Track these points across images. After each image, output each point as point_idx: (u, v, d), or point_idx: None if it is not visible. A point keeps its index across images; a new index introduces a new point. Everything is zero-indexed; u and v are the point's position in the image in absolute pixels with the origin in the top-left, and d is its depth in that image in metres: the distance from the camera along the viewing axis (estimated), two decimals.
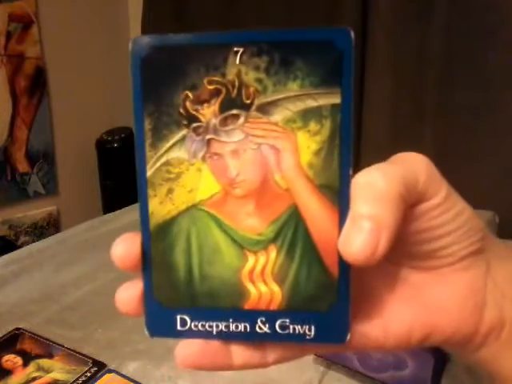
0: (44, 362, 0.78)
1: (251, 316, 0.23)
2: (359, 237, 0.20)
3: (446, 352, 0.84)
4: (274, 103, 0.22)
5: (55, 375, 0.75)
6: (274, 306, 0.23)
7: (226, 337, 0.23)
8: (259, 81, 0.22)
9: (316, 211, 0.22)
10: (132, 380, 0.72)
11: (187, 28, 2.08)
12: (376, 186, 0.21)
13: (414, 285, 0.24)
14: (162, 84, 0.22)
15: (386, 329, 0.24)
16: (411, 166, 0.23)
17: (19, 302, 0.94)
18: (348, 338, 0.22)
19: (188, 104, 0.22)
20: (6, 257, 1.11)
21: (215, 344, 0.23)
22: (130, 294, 0.23)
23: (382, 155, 0.25)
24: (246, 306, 0.23)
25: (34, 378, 0.74)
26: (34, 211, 1.98)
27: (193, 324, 0.23)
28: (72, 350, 0.79)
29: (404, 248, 0.23)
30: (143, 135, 0.23)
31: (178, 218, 0.23)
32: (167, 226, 0.23)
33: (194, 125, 0.22)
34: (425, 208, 0.22)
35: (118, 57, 2.29)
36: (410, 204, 0.22)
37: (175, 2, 2.07)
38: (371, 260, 0.20)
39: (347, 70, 0.22)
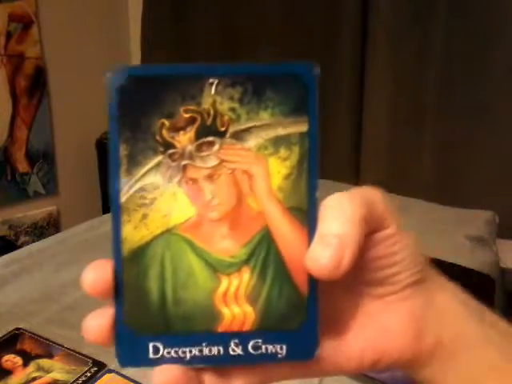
0: (44, 361, 0.78)
1: (224, 338, 0.23)
2: (326, 251, 0.22)
3: None
4: (247, 131, 0.23)
5: (55, 375, 0.75)
6: (247, 327, 0.23)
7: (199, 362, 0.23)
8: (233, 110, 0.23)
9: (286, 232, 0.23)
10: (132, 380, 0.72)
11: (187, 28, 2.08)
12: (343, 209, 0.23)
13: (367, 312, 0.26)
14: (138, 112, 0.23)
15: (344, 355, 0.25)
16: (371, 196, 0.24)
17: (19, 301, 0.94)
18: (317, 353, 0.23)
19: (164, 131, 0.23)
20: (6, 257, 1.11)
21: (190, 372, 0.23)
22: (99, 323, 0.23)
23: (381, 155, 0.26)
24: (220, 329, 0.23)
25: (34, 378, 0.74)
26: (34, 211, 1.98)
27: (165, 351, 0.23)
28: (72, 350, 0.79)
29: (362, 275, 0.25)
30: (118, 161, 0.23)
31: (152, 242, 0.23)
32: (141, 251, 0.23)
33: (170, 151, 0.23)
34: (381, 236, 0.24)
35: (118, 57, 2.29)
36: (369, 230, 0.24)
37: (175, 2, 2.07)
38: (336, 274, 0.22)
39: (312, 101, 0.23)
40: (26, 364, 0.77)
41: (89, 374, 0.74)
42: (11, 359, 0.78)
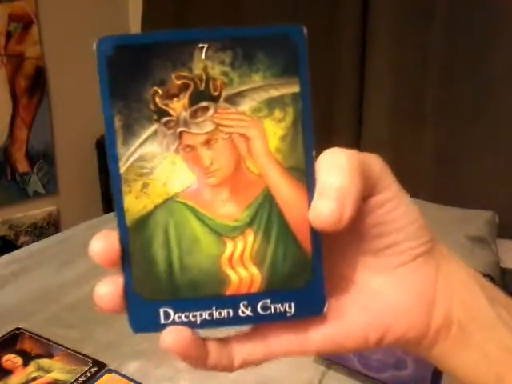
0: (44, 361, 0.78)
1: (233, 301, 0.23)
2: (327, 204, 0.22)
3: None
4: (240, 94, 0.23)
5: (55, 375, 0.75)
6: (254, 289, 0.23)
7: (210, 325, 0.23)
8: (225, 74, 0.23)
9: (287, 192, 0.23)
10: (132, 380, 0.72)
11: (187, 28, 2.08)
12: (339, 161, 0.23)
13: (369, 288, 0.25)
14: (129, 82, 0.23)
15: (346, 332, 0.25)
16: (367, 157, 0.24)
17: (19, 301, 0.94)
18: (325, 309, 0.24)
19: (157, 99, 0.23)
20: (6, 257, 1.11)
21: (198, 338, 0.23)
22: (109, 290, 0.23)
23: (382, 155, 0.25)
24: (228, 292, 0.23)
25: (34, 378, 0.75)
26: (34, 211, 1.98)
27: (176, 316, 0.23)
28: (72, 350, 0.79)
29: (360, 245, 0.25)
30: (114, 133, 0.23)
31: (154, 211, 0.23)
32: (144, 220, 0.23)
33: (165, 119, 0.23)
34: (377, 201, 0.24)
35: None
36: (367, 188, 0.23)
37: (175, 2, 2.07)
38: (338, 225, 0.22)
39: (302, 61, 0.23)
40: (26, 364, 0.77)
41: (89, 374, 0.74)
42: (11, 359, 0.78)
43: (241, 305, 0.23)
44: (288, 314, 0.24)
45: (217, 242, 0.23)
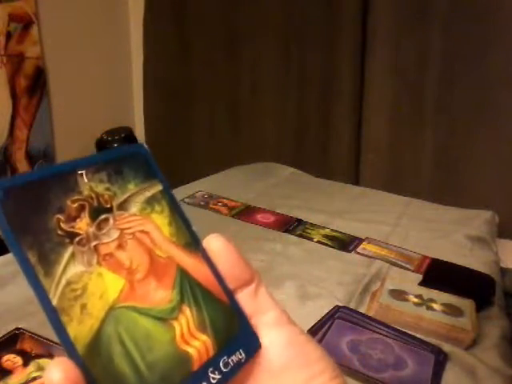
0: (44, 361, 0.78)
1: (203, 372, 0.25)
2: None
3: (446, 352, 0.84)
4: (126, 201, 0.27)
5: None
6: (211, 353, 0.26)
7: None
8: (108, 189, 0.27)
9: (191, 263, 0.28)
10: None
11: (187, 29, 2.08)
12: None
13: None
14: (30, 218, 0.24)
15: None
16: None
17: (19, 301, 0.94)
18: (260, 341, 0.27)
19: (62, 225, 0.24)
20: (6, 257, 1.11)
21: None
22: None
23: (382, 155, 0.25)
24: (195, 367, 0.25)
25: (34, 378, 0.74)
26: None
27: None
28: None
29: None
30: (32, 269, 0.23)
31: (102, 327, 0.24)
32: (96, 340, 0.23)
33: (77, 239, 0.25)
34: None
35: (118, 57, 2.29)
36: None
37: (175, 2, 2.07)
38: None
39: (154, 166, 0.29)
40: (26, 364, 0.77)
41: None
42: (11, 359, 0.78)
43: (209, 372, 0.25)
44: (242, 360, 0.26)
45: (166, 327, 0.25)
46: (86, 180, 0.26)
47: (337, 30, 1.77)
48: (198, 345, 0.26)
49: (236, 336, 0.27)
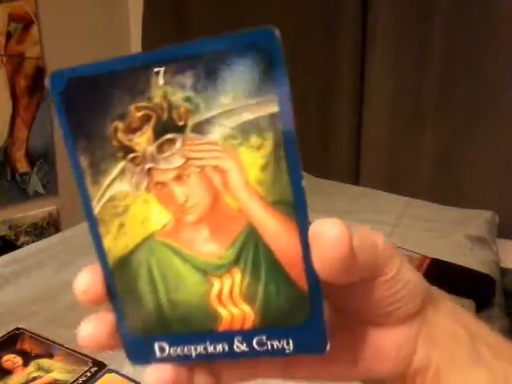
0: (44, 361, 0.78)
1: (227, 337, 0.22)
2: (335, 226, 0.20)
3: None
4: (209, 121, 0.20)
5: (55, 375, 0.75)
6: (247, 326, 0.22)
7: (206, 358, 0.23)
8: (188, 99, 0.20)
9: (273, 228, 0.21)
10: (132, 380, 0.72)
11: (187, 28, 2.08)
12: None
13: (359, 333, 0.26)
14: (88, 117, 0.21)
15: (332, 371, 0.26)
16: (374, 239, 0.24)
17: (19, 301, 0.94)
18: (328, 347, 0.22)
19: (120, 135, 0.21)
20: (6, 257, 1.11)
21: (183, 370, 0.23)
22: (96, 329, 0.23)
23: (382, 155, 0.25)
24: (221, 328, 0.22)
25: (34, 378, 0.74)
26: (34, 211, 1.98)
27: (171, 349, 0.23)
28: (72, 350, 0.79)
29: (357, 312, 0.25)
30: (82, 173, 0.22)
31: (135, 251, 0.22)
32: (126, 260, 0.22)
33: (131, 155, 0.21)
34: (381, 281, 0.24)
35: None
36: (368, 273, 0.23)
37: (175, 2, 2.07)
38: (345, 252, 0.20)
39: (279, 73, 0.19)
40: (25, 364, 0.77)
41: (89, 374, 0.74)
42: (11, 359, 0.78)
43: (235, 340, 0.22)
44: (287, 351, 0.22)
45: (202, 280, 0.22)
46: (161, 82, 0.20)
47: (337, 29, 1.77)
48: (235, 312, 0.22)
49: (295, 325, 0.22)
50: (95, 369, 0.75)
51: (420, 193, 1.60)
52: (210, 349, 0.22)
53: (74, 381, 0.73)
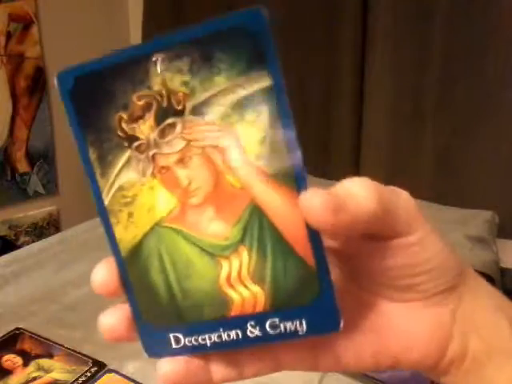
0: (44, 361, 0.78)
1: (240, 322, 0.22)
2: (322, 194, 0.20)
3: None
4: (205, 102, 0.21)
5: (55, 375, 0.75)
6: (259, 308, 0.22)
7: (221, 347, 0.23)
8: (185, 83, 0.21)
9: (276, 202, 0.21)
10: (132, 380, 0.72)
11: None
12: (367, 185, 0.21)
13: (385, 314, 0.24)
14: (95, 111, 0.22)
15: (356, 356, 0.24)
16: (401, 195, 0.23)
17: (19, 302, 0.94)
18: (342, 325, 0.21)
19: (124, 125, 0.22)
20: (6, 257, 1.11)
21: (197, 362, 0.23)
22: (114, 321, 0.23)
23: (382, 155, 0.25)
24: (233, 313, 0.22)
25: (34, 378, 0.75)
26: (34, 211, 1.98)
27: (186, 340, 0.23)
28: (72, 350, 0.79)
29: (380, 280, 0.24)
30: (91, 166, 0.23)
31: (144, 239, 0.23)
32: (137, 249, 0.23)
33: (135, 144, 0.22)
34: (401, 243, 0.22)
35: None
36: (390, 231, 0.22)
37: (175, 2, 2.07)
38: (330, 221, 0.19)
39: (269, 49, 0.20)
40: (26, 364, 0.77)
41: (89, 374, 0.74)
42: (11, 359, 0.78)
43: (248, 325, 0.22)
44: (300, 333, 0.22)
45: (211, 263, 0.22)
46: (159, 70, 0.21)
47: (337, 29, 1.77)
48: (246, 294, 0.22)
49: (306, 304, 0.21)
50: (95, 369, 0.75)
51: (420, 193, 1.60)
52: (224, 336, 0.22)
53: (74, 381, 0.73)
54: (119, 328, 0.23)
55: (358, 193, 0.20)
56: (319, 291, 0.21)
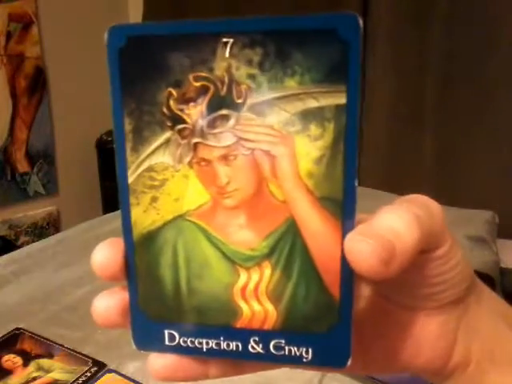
0: (44, 361, 0.78)
1: (243, 335, 0.21)
2: (372, 243, 0.19)
3: None
4: (268, 103, 0.19)
5: (55, 375, 0.75)
6: (268, 326, 0.21)
7: (217, 355, 0.21)
8: (252, 77, 0.19)
9: (316, 226, 0.20)
10: (132, 380, 0.72)
11: None
12: (407, 209, 0.21)
13: (395, 320, 0.24)
14: (142, 79, 0.20)
15: (365, 361, 0.24)
16: (432, 208, 0.22)
17: (19, 301, 0.94)
18: (349, 362, 0.20)
19: (172, 103, 0.20)
20: (6, 257, 1.11)
21: (192, 360, 0.22)
22: (110, 305, 0.22)
23: (382, 155, 0.25)
24: (238, 325, 0.21)
25: (34, 378, 0.74)
26: (34, 211, 1.98)
27: (181, 340, 0.22)
28: (72, 350, 0.79)
29: (399, 289, 0.23)
30: (123, 137, 0.20)
31: (163, 228, 0.21)
32: (152, 236, 0.21)
33: (179, 126, 0.20)
34: (434, 256, 0.22)
35: None
36: (424, 246, 0.21)
37: (175, 2, 2.08)
38: (383, 274, 0.19)
39: (354, 64, 0.18)
40: (26, 364, 0.77)
41: (89, 374, 0.74)
42: (11, 359, 0.78)
43: (251, 340, 0.21)
44: (304, 360, 0.21)
45: (229, 270, 0.21)
46: (227, 54, 0.19)
47: None
48: (257, 309, 0.21)
49: (318, 334, 0.20)
50: (95, 369, 0.75)
51: (419, 193, 1.60)
52: (223, 345, 0.21)
53: (73, 381, 0.73)
54: (113, 312, 0.22)
55: (401, 230, 0.20)
56: (336, 324, 0.20)
